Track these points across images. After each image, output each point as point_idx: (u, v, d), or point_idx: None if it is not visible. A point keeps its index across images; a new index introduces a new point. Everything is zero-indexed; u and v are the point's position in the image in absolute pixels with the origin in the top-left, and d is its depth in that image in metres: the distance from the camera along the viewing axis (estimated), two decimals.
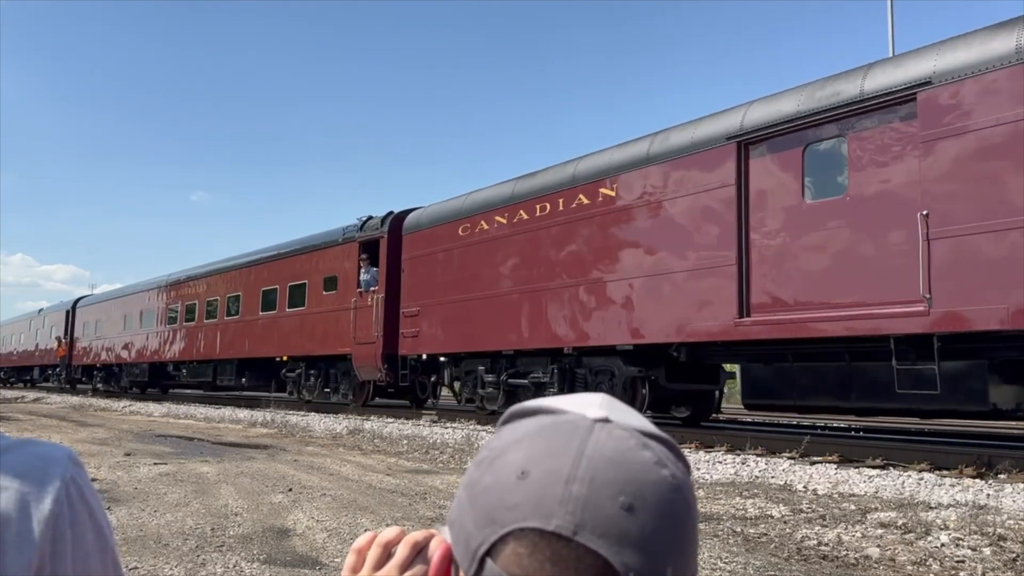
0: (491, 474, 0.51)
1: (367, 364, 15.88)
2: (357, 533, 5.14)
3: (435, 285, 14.47)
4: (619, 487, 0.48)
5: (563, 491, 0.47)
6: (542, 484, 0.48)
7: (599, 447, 0.49)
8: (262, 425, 15.00)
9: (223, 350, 21.75)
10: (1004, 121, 7.14)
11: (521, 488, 0.49)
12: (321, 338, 17.44)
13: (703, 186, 9.75)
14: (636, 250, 10.56)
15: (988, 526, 5.24)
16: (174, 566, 4.31)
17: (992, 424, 11.72)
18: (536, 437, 0.51)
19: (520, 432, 0.53)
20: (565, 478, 0.48)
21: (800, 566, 4.46)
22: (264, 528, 5.35)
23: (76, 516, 0.64)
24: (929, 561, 4.49)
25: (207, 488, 7.00)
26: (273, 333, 19.39)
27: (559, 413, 0.53)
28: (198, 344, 23.30)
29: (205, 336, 22.88)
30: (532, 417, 0.54)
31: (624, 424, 0.52)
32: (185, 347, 24.13)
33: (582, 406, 0.53)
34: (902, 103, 7.91)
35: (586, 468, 0.48)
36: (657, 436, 0.53)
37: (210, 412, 18.31)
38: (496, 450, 0.52)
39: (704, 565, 4.43)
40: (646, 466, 0.49)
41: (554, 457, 0.49)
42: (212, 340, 22.39)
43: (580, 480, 0.48)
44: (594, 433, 0.50)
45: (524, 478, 0.49)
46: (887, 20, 18.42)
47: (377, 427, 13.14)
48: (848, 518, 5.69)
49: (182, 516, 5.69)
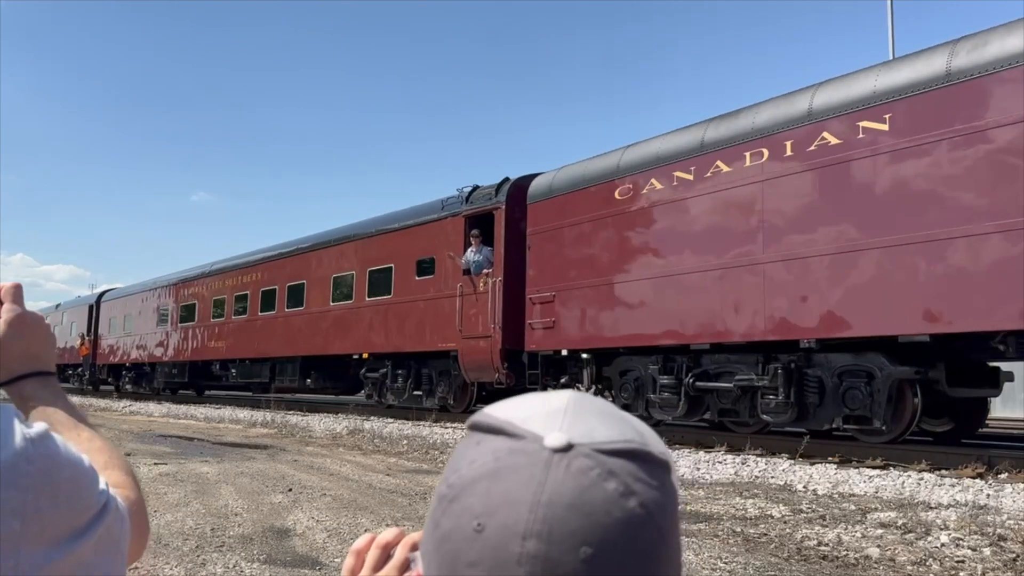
0: (450, 519, 0.48)
1: (479, 362, 13.08)
2: (357, 533, 5.14)
3: (576, 263, 11.63)
4: (580, 537, 0.45)
5: (519, 549, 0.45)
6: (498, 540, 0.46)
7: (557, 490, 0.46)
8: (262, 425, 15.01)
9: (283, 346, 18.77)
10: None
11: (478, 543, 0.46)
12: (414, 332, 14.65)
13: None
14: (929, 201, 7.70)
15: (988, 526, 5.24)
16: (174, 566, 4.31)
17: (992, 424, 11.71)
18: (491, 480, 0.48)
19: (477, 466, 0.49)
20: (522, 533, 0.45)
21: (800, 566, 4.46)
22: (264, 528, 5.35)
23: (47, 467, 0.63)
24: (929, 561, 4.49)
25: (207, 488, 7.00)
26: (349, 326, 16.54)
27: (517, 437, 0.49)
28: (251, 340, 20.20)
29: (260, 331, 19.81)
30: (492, 437, 0.50)
31: (587, 444, 0.48)
32: (235, 343, 20.97)
33: (543, 423, 0.49)
34: None
35: (543, 519, 0.45)
36: (624, 451, 0.48)
37: (210, 412, 18.31)
38: (455, 487, 0.49)
39: (704, 565, 4.43)
40: (609, 503, 0.46)
41: (509, 508, 0.46)
42: (269, 335, 19.35)
43: (537, 535, 0.45)
44: (551, 471, 0.46)
45: (481, 532, 0.46)
46: (887, 21, 18.43)
47: (377, 427, 13.14)
48: (848, 518, 5.69)
49: (182, 516, 5.69)
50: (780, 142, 9.07)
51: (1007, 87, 7.24)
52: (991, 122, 7.31)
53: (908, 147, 7.91)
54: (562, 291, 11.80)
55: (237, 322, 21.06)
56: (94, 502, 0.67)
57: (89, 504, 0.67)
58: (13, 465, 0.61)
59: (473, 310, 13.18)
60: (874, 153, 8.18)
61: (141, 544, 0.82)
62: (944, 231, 7.55)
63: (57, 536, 0.63)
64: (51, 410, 0.88)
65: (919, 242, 7.74)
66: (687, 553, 4.66)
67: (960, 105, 7.54)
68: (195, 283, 23.87)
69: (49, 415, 0.87)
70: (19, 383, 0.89)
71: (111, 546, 0.68)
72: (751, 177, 9.34)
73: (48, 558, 0.62)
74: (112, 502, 0.69)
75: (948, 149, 7.61)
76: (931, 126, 7.75)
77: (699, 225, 9.97)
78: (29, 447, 0.62)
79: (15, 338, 0.89)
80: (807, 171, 8.77)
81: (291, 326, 18.63)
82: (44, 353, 0.92)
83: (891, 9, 18.19)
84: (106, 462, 0.85)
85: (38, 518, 0.61)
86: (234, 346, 21.07)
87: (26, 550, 0.61)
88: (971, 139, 7.43)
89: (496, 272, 12.88)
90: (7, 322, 0.89)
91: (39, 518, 0.61)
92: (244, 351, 20.57)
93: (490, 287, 12.85)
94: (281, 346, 18.91)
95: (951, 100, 7.61)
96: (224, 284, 22.06)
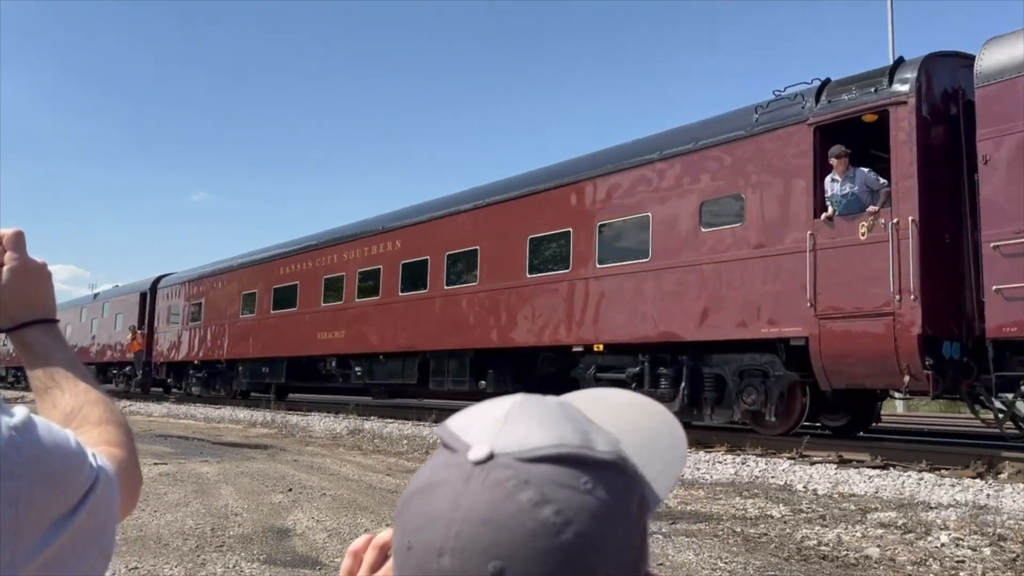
0: (396, 534, 0.51)
1: (865, 357, 8.33)
2: (357, 533, 5.15)
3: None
4: (490, 552, 0.45)
5: (436, 566, 0.46)
6: (421, 558, 0.47)
7: (472, 504, 0.47)
8: (262, 425, 15.01)
9: (441, 335, 14.01)
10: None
11: (409, 561, 0.48)
12: (695, 311, 9.92)
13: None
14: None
15: (988, 526, 5.24)
16: (174, 566, 4.31)
17: (992, 424, 11.69)
18: (424, 494, 0.49)
19: (421, 479, 0.51)
20: (438, 550, 0.46)
21: (800, 566, 4.46)
22: (264, 528, 5.35)
23: (36, 452, 0.63)
24: (929, 561, 4.49)
25: (207, 488, 7.00)
26: (563, 306, 11.77)
27: (452, 450, 0.50)
28: (387, 328, 15.39)
29: (403, 316, 14.98)
30: (440, 449, 0.52)
31: (511, 453, 0.48)
32: (359, 333, 16.15)
33: (478, 433, 0.50)
34: None
35: (456, 536, 0.46)
36: (551, 456, 0.48)
37: (210, 412, 18.30)
38: (404, 500, 0.51)
39: (704, 565, 4.43)
40: (521, 514, 0.46)
41: (430, 525, 0.47)
42: (417, 321, 14.61)
43: (451, 551, 0.46)
44: (469, 485, 0.47)
45: (410, 551, 0.48)
46: (887, 22, 18.44)
47: (377, 427, 13.14)
48: (848, 518, 5.69)
49: (182, 516, 5.69)
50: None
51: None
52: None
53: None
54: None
55: (364, 306, 16.14)
56: (84, 479, 0.68)
57: (79, 483, 0.67)
58: (2, 456, 0.61)
59: (846, 272, 8.49)
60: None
61: (132, 500, 0.82)
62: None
63: (51, 520, 0.64)
64: (52, 358, 0.88)
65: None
66: (687, 553, 4.66)
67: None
68: (297, 259, 18.84)
69: (50, 363, 0.88)
70: (21, 330, 0.89)
71: (103, 513, 0.69)
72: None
73: (45, 542, 0.63)
74: (102, 473, 0.70)
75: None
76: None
77: None
78: (15, 435, 0.62)
79: (17, 286, 0.89)
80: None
81: (454, 309, 13.81)
82: (46, 301, 0.93)
83: (891, 9, 18.18)
84: (101, 416, 0.85)
85: (32, 505, 0.62)
86: (358, 337, 16.15)
87: (22, 537, 0.61)
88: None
89: (903, 207, 8.10)
90: (10, 270, 0.89)
91: (33, 505, 0.62)
92: (376, 343, 15.67)
93: (889, 232, 8.11)
94: (437, 335, 14.09)
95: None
96: (342, 259, 17.09)
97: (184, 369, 24.27)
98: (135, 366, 25.84)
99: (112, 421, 0.86)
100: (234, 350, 20.92)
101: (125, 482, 0.77)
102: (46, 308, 0.92)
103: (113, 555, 0.71)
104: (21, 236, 0.93)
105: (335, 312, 16.98)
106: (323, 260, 17.73)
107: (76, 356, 0.92)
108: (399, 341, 15.03)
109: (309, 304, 17.96)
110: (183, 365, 24.15)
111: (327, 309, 17.29)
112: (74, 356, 0.91)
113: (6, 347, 38.90)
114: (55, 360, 0.88)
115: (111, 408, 0.88)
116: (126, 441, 0.85)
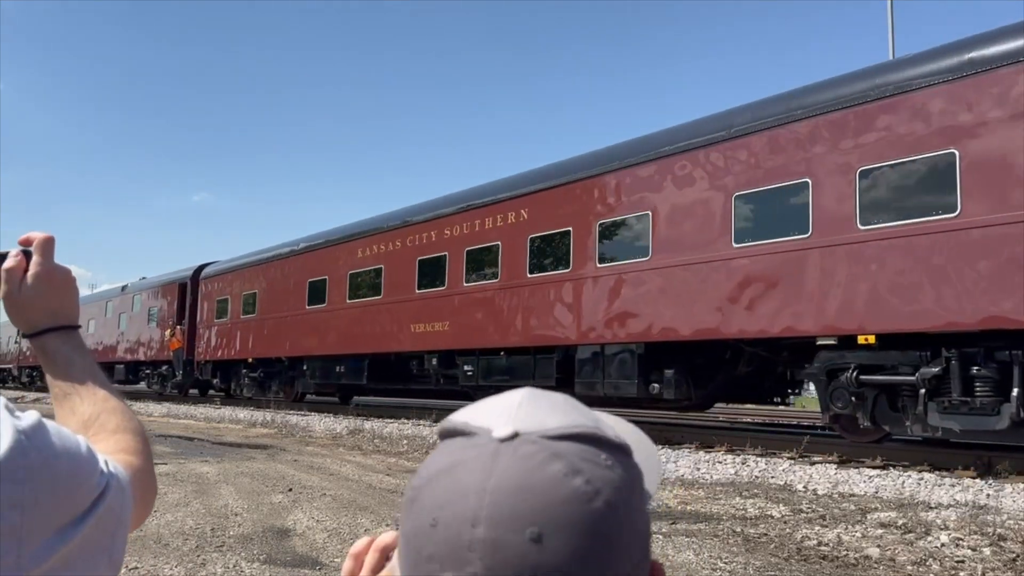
0: (411, 519, 0.50)
1: None
2: (357, 533, 5.15)
3: None
4: (526, 518, 0.46)
5: (470, 536, 0.46)
6: (451, 531, 0.47)
7: (502, 475, 0.47)
8: (262, 425, 15.00)
9: (596, 325, 10.97)
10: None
11: (434, 537, 0.48)
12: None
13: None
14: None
15: (988, 526, 5.25)
16: (174, 566, 4.31)
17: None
18: (446, 474, 0.49)
19: (437, 464, 0.51)
20: (471, 520, 0.46)
21: (800, 566, 4.46)
22: (264, 528, 5.35)
23: (45, 456, 0.63)
24: (929, 561, 4.49)
25: (207, 488, 7.00)
26: (786, 282, 8.77)
27: (471, 434, 0.51)
28: (511, 317, 12.40)
29: (532, 302, 12.01)
30: (451, 439, 0.52)
31: (535, 432, 0.50)
32: (472, 324, 13.10)
33: (495, 417, 0.51)
34: None
35: (489, 506, 0.46)
36: (574, 435, 0.50)
37: (210, 412, 18.29)
38: (416, 488, 0.51)
39: (704, 565, 4.43)
40: (554, 482, 0.47)
41: (459, 499, 0.48)
42: (549, 308, 11.74)
43: (485, 521, 0.46)
44: (498, 458, 0.48)
45: (435, 527, 0.48)
46: (887, 22, 18.43)
47: (377, 427, 13.13)
48: (848, 518, 5.69)
49: (182, 516, 5.69)
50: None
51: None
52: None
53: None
54: None
55: (476, 292, 13.10)
56: (94, 486, 0.67)
57: (88, 490, 0.67)
58: (9, 459, 0.61)
59: None
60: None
61: (146, 509, 0.82)
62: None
63: (58, 525, 0.63)
64: (72, 366, 0.88)
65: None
66: (687, 553, 4.66)
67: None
68: (381, 239, 15.82)
69: (70, 371, 0.87)
70: (42, 337, 0.89)
71: (112, 521, 0.69)
72: None
73: (51, 548, 0.62)
74: (113, 480, 0.69)
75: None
76: None
77: None
78: (23, 439, 0.62)
79: (40, 293, 0.89)
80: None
81: (612, 292, 10.80)
82: (68, 308, 0.92)
83: (891, 9, 18.17)
84: (118, 424, 0.85)
85: (37, 510, 0.62)
86: (469, 328, 13.17)
87: (27, 542, 0.61)
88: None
89: None
90: (34, 275, 0.89)
91: (38, 510, 0.62)
92: (494, 336, 12.69)
93: None
94: (587, 325, 11.08)
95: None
96: (443, 236, 14.09)
97: (233, 369, 21.48)
98: (174, 365, 23.16)
99: (129, 429, 0.85)
100: (299, 346, 18.04)
101: (139, 490, 0.77)
102: (68, 315, 0.92)
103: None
104: (51, 242, 0.92)
105: (435, 300, 14.00)
106: (417, 239, 14.76)
107: (96, 363, 0.92)
108: (531, 333, 12.01)
109: (398, 291, 15.02)
110: (233, 364, 21.32)
111: (424, 297, 14.30)
112: (94, 363, 0.91)
113: (19, 345, 37.80)
114: (75, 367, 0.88)
115: (129, 416, 0.88)
116: (142, 449, 0.84)
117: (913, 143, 7.87)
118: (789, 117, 8.93)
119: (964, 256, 7.42)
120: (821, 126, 8.61)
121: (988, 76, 7.42)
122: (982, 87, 7.45)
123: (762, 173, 9.08)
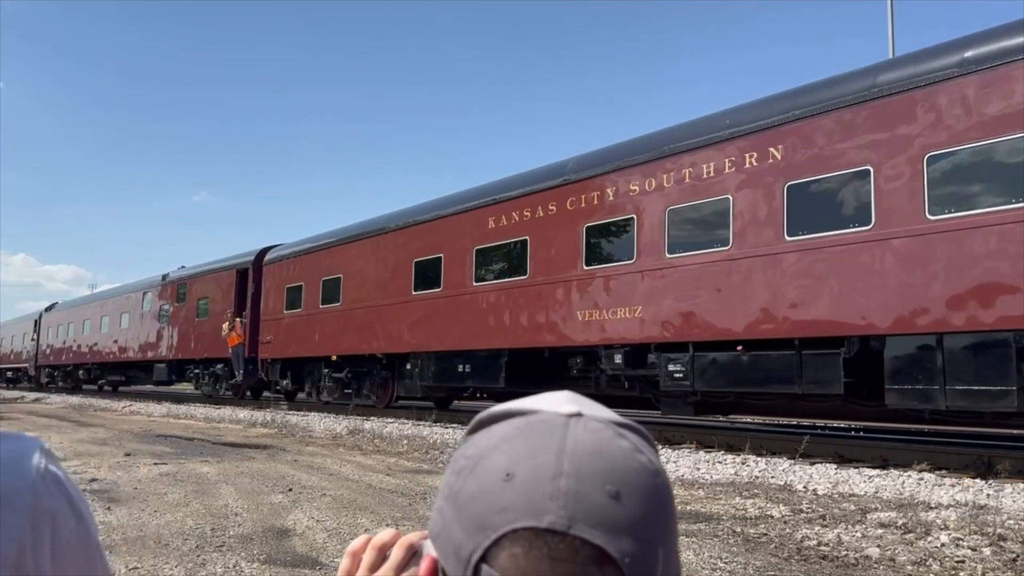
0: (474, 481, 0.52)
1: None
2: (357, 533, 5.15)
3: None
4: (605, 477, 0.49)
5: (551, 487, 0.48)
6: (529, 483, 0.49)
7: (578, 440, 0.50)
8: (262, 425, 15.00)
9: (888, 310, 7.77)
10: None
11: (509, 490, 0.49)
12: None
13: None
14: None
15: (988, 526, 5.24)
16: (174, 566, 4.31)
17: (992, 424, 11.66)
18: (514, 439, 0.52)
19: (495, 437, 0.53)
20: (552, 474, 0.49)
21: (800, 566, 4.46)
22: (264, 528, 5.35)
23: (55, 505, 0.64)
24: (929, 561, 4.49)
25: (207, 488, 7.00)
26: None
27: (530, 414, 0.54)
28: (767, 294, 8.78)
29: (792, 277, 8.57)
30: (503, 421, 0.54)
31: (596, 416, 0.53)
32: (687, 309, 9.65)
33: (552, 404, 0.54)
34: None
35: (570, 462, 0.49)
36: (629, 426, 0.54)
37: (210, 412, 18.29)
38: (474, 457, 0.53)
39: (704, 565, 4.43)
40: (625, 454, 0.51)
41: (537, 456, 0.50)
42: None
43: (567, 475, 0.49)
44: (571, 428, 0.51)
45: (510, 480, 0.49)
46: (887, 21, 18.43)
47: (377, 427, 13.13)
48: (848, 518, 5.68)
49: (182, 516, 5.69)
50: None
51: None
52: None
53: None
54: None
55: (686, 266, 9.68)
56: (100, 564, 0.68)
57: (92, 557, 0.67)
58: (17, 492, 0.61)
59: None
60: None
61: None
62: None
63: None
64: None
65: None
66: (687, 553, 4.66)
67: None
68: (523, 203, 12.39)
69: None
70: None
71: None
72: None
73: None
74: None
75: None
76: None
77: None
78: (38, 482, 0.63)
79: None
80: None
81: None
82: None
83: (891, 9, 18.17)
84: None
85: (36, 551, 0.62)
86: (674, 315, 9.80)
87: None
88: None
89: None
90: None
91: (38, 551, 0.62)
92: (712, 325, 9.37)
93: None
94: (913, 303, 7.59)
95: None
96: (621, 194, 10.75)
97: (309, 368, 18.36)
98: (233, 364, 20.37)
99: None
100: (402, 341, 14.80)
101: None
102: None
103: (113, 555, 0.72)
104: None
105: (617, 279, 10.62)
106: (580, 201, 11.33)
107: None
108: (782, 325, 8.60)
109: (552, 269, 11.66)
110: (309, 362, 18.25)
111: (594, 275, 10.97)
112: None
113: (35, 342, 36.50)
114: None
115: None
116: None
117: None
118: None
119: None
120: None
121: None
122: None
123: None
